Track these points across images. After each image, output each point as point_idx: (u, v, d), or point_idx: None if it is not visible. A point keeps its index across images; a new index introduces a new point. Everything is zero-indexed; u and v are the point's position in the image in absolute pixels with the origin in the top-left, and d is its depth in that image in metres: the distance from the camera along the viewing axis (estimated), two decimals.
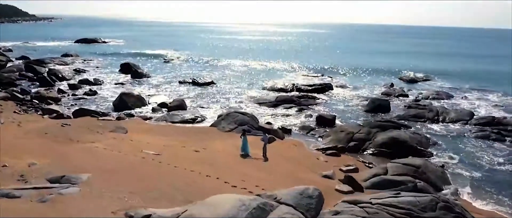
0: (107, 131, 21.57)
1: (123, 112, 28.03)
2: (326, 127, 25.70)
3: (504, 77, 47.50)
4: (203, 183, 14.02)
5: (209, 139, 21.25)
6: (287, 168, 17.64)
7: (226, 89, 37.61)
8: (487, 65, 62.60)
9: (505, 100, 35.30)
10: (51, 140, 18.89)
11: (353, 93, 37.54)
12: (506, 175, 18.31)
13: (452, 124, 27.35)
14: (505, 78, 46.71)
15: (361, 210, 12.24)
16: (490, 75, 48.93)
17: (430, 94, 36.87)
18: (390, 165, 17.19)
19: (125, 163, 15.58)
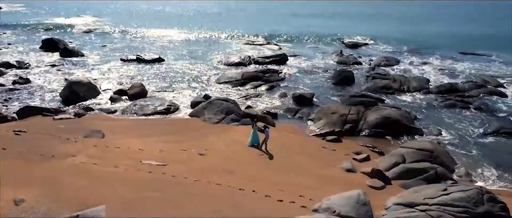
0: (80, 136, 18.39)
1: (76, 105, 24.27)
2: (306, 106, 25.19)
3: (439, 39, 50.79)
4: (249, 202, 12.57)
5: (202, 136, 19.38)
6: (304, 164, 16.88)
7: (178, 67, 34.80)
8: (423, 26, 66.11)
9: (446, 64, 38.14)
10: (16, 159, 15.36)
11: (309, 63, 37.40)
12: (493, 148, 19.76)
13: (417, 93, 28.76)
14: (440, 40, 50.04)
15: (425, 214, 12.00)
16: (427, 38, 52.01)
17: (380, 60, 38.28)
18: (404, 151, 17.35)
19: (136, 184, 13.30)
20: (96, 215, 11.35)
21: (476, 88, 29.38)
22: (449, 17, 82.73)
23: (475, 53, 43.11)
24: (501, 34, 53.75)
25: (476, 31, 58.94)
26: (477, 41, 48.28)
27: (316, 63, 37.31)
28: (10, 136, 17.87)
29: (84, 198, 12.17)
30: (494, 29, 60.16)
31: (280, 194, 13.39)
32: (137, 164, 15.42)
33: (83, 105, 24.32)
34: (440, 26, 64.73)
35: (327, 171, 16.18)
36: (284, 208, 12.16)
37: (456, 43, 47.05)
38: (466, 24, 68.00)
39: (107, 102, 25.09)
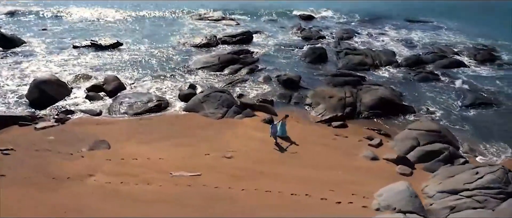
0: (84, 148, 16.81)
1: (50, 108, 21.93)
2: (294, 90, 25.42)
3: (384, 7, 52.75)
4: (315, 209, 12.68)
5: (215, 135, 18.84)
6: (328, 157, 17.31)
7: (142, 52, 32.59)
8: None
9: (402, 34, 40.49)
10: (25, 186, 13.62)
11: (275, 40, 37.24)
12: (479, 121, 21.92)
13: (389, 67, 30.39)
14: (385, 8, 52.15)
15: (472, 200, 13.13)
16: (373, 6, 53.86)
17: (341, 33, 39.45)
18: (415, 133, 18.45)
19: (184, 203, 12.73)
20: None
21: (439, 58, 31.78)
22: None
23: (420, 20, 46.14)
24: (437, 2, 57.68)
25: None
26: (418, 9, 51.45)
27: (282, 40, 37.23)
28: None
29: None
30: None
31: (333, 194, 13.66)
32: (168, 178, 14.62)
33: (58, 107, 21.98)
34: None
35: (354, 162, 16.75)
36: (349, 210, 12.48)
37: (400, 11, 49.66)
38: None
39: (85, 102, 22.94)
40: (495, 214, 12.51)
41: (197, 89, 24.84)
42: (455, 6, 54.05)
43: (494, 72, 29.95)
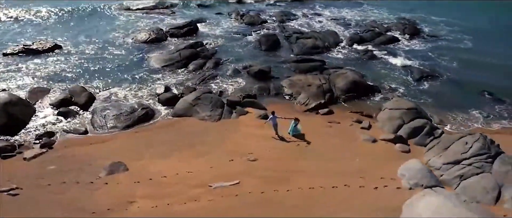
0: (103, 174, 16.20)
1: (24, 131, 20.13)
2: (266, 81, 26.55)
3: None
4: (377, 198, 14.27)
5: (223, 139, 19.36)
6: (338, 146, 19.00)
7: (88, 54, 30.54)
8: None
9: (333, 13, 43.63)
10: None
11: (220, 29, 37.38)
12: (434, 92, 25.49)
13: (339, 48, 33.09)
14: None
15: (473, 167, 16.14)
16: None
17: (281, 16, 41.15)
18: (397, 113, 21.11)
19: (253, 213, 13.53)
20: None
21: (376, 36, 35.41)
22: None
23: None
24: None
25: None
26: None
27: (228, 28, 37.54)
28: (6, 201, 14.43)
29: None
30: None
31: (365, 181, 15.51)
32: (210, 191, 15.08)
33: (33, 130, 20.19)
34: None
35: (361, 147, 18.81)
36: (389, 193, 14.44)
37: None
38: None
39: (59, 120, 21.29)
40: (494, 176, 15.56)
41: (172, 91, 24.52)
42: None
43: (423, 45, 34.40)
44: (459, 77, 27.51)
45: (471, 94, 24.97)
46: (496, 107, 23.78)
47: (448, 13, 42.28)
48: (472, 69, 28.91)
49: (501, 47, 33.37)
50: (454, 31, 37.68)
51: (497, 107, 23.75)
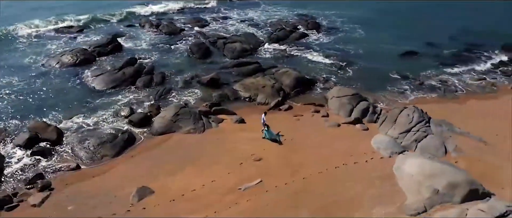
0: (134, 201, 17.15)
1: (4, 180, 19.22)
2: (217, 88, 28.88)
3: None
4: (378, 167, 18.42)
5: (221, 147, 21.35)
6: (316, 134, 22.62)
7: (14, 86, 28.43)
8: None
9: (241, 15, 47.17)
10: None
11: (144, 42, 37.38)
12: (358, 76, 31.05)
13: (262, 48, 36.86)
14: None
15: (420, 132, 21.66)
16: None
17: (194, 24, 43.10)
18: (346, 99, 25.87)
19: (300, 204, 16.50)
20: None
21: (289, 34, 40.18)
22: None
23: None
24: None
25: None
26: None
27: (151, 41, 37.79)
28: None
29: None
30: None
31: (358, 157, 19.65)
32: (241, 193, 17.46)
33: (14, 177, 19.29)
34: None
35: (333, 132, 22.93)
36: (380, 162, 18.86)
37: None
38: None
39: (36, 159, 20.50)
40: (437, 135, 21.24)
41: (137, 111, 25.19)
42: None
43: (328, 37, 40.35)
44: (369, 63, 33.71)
45: (384, 76, 31.21)
46: (404, 83, 30.34)
47: (335, 7, 49.47)
48: (375, 54, 35.57)
49: (385, 33, 41.22)
50: (346, 23, 44.68)
51: (405, 82, 30.34)
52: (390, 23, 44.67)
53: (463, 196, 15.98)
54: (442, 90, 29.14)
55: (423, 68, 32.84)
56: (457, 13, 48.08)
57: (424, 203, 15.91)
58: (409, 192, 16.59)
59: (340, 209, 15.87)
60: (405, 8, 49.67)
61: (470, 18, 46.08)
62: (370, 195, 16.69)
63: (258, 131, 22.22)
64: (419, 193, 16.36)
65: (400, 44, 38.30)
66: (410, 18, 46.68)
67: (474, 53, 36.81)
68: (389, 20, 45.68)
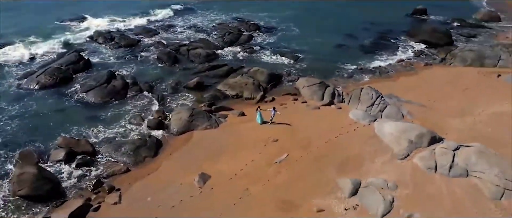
0: (201, 184, 21.52)
1: (65, 192, 22.05)
2: (203, 90, 33.50)
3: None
4: (367, 134, 25.32)
5: (240, 136, 26.31)
6: (304, 117, 28.94)
7: (9, 112, 29.62)
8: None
9: (185, 21, 51.16)
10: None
11: (110, 56, 39.49)
12: (311, 68, 38.16)
13: (221, 52, 42.00)
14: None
15: (382, 104, 29.48)
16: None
17: (146, 33, 46.22)
18: (315, 87, 32.59)
19: (324, 164, 22.71)
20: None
21: (239, 36, 45.77)
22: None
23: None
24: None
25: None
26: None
27: (115, 54, 39.67)
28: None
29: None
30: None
31: (345, 129, 26.45)
32: (279, 165, 23.07)
33: (73, 188, 22.11)
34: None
35: (318, 113, 29.39)
36: (366, 131, 25.89)
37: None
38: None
39: (84, 169, 23.29)
40: (393, 105, 29.14)
41: (148, 117, 28.72)
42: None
43: (272, 37, 46.78)
44: (315, 56, 41.03)
45: (331, 65, 38.69)
46: (349, 70, 38.22)
47: (265, 9, 56.28)
48: (315, 48, 43.01)
49: (315, 29, 49.28)
50: (280, 23, 51.70)
51: (349, 69, 38.24)
52: (315, 20, 53.03)
53: (428, 141, 23.65)
54: (378, 73, 37.53)
55: (357, 57, 41.15)
56: (362, 10, 58.52)
57: (406, 150, 23.21)
58: (393, 145, 23.80)
59: (354, 162, 22.38)
60: (323, 7, 58.66)
61: (374, 13, 56.63)
62: (368, 150, 23.53)
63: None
64: (400, 144, 23.63)
65: (330, 38, 46.46)
66: (329, 15, 55.60)
67: (387, 40, 46.58)
68: (313, 18, 54.05)
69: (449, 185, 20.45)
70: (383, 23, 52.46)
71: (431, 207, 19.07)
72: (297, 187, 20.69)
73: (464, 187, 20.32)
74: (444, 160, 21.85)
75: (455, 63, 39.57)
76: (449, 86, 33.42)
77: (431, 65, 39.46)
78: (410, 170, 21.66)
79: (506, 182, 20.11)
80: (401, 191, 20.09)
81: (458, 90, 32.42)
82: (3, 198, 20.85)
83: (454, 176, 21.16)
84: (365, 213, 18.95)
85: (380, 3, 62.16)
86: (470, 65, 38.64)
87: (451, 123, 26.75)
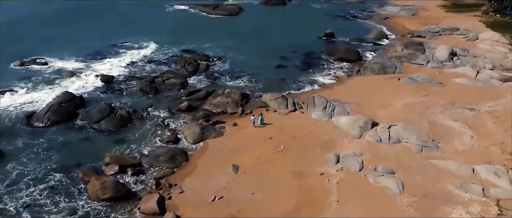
0: (234, 172, 31.03)
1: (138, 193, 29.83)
2: (195, 110, 42.77)
3: None
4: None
5: (247, 139, 36.24)
6: (284, 120, 40.00)
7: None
8: None
9: (133, 56, 58.83)
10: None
11: (98, 93, 46.43)
12: (265, 86, 49.56)
13: (190, 80, 51.16)
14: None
15: (337, 107, 42.04)
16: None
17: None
18: (279, 99, 43.93)
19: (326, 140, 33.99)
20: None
21: (197, 66, 55.20)
22: None
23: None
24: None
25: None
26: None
27: (100, 90, 46.32)
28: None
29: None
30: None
31: (314, 126, 38.09)
32: (281, 153, 33.62)
33: (143, 189, 29.92)
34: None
35: (289, 117, 40.49)
36: (328, 124, 37.81)
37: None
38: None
39: (141, 176, 31.03)
40: (339, 106, 41.70)
41: (163, 135, 36.95)
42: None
43: (224, 64, 56.92)
44: (265, 76, 52.24)
45: (281, 82, 50.18)
46: (295, 85, 50.18)
47: (206, 41, 66.44)
48: (261, 70, 54.12)
49: (250, 55, 60.80)
50: (225, 52, 61.69)
51: (295, 84, 50.21)
52: (251, 47, 63.92)
53: (371, 125, 36.24)
54: (317, 85, 50.18)
55: (297, 75, 53.31)
56: (283, 36, 72.23)
57: (359, 132, 35.43)
58: (350, 130, 35.85)
59: (330, 144, 33.80)
60: (250, 35, 71.12)
61: (293, 38, 70.52)
62: (337, 135, 35.24)
63: (251, 127, 37.59)
64: (354, 129, 35.81)
65: (270, 61, 57.71)
66: (260, 42, 67.52)
67: (313, 59, 59.80)
68: (249, 45, 65.07)
69: (391, 149, 32.95)
70: (304, 46, 66.07)
71: (384, 162, 31.16)
72: (300, 163, 31.26)
73: (400, 148, 33.00)
74: (384, 134, 34.46)
75: (367, 73, 53.99)
76: (369, 89, 47.19)
77: (352, 76, 53.39)
78: (366, 143, 33.77)
79: (422, 142, 33.28)
80: (365, 156, 31.96)
81: (376, 91, 46.29)
82: (87, 203, 27.56)
83: (392, 143, 33.78)
84: (348, 171, 30.25)
85: (293, 29, 76.64)
86: (378, 73, 53.34)
87: (379, 113, 39.85)
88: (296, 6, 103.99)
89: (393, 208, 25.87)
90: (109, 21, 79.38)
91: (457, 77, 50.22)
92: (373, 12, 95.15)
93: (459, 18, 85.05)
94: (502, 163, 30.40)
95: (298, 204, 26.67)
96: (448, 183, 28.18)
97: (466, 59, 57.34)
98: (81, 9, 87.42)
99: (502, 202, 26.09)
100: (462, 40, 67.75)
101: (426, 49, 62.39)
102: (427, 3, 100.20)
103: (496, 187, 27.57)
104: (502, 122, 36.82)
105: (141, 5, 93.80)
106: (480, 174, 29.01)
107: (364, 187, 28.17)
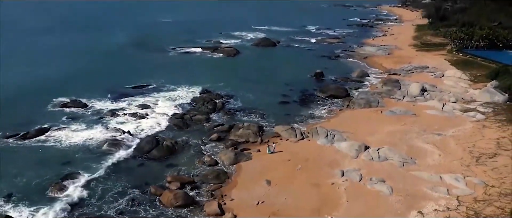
0: (266, 184, 42.32)
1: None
2: (222, 140, 53.97)
3: None
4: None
5: (271, 162, 47.56)
6: (300, 148, 51.59)
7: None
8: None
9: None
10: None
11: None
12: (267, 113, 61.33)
13: (213, 113, 62.56)
14: None
15: (337, 135, 54.15)
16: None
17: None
18: (289, 130, 55.64)
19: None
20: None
21: (214, 105, 66.77)
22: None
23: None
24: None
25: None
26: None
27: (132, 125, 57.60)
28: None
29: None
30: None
31: (320, 149, 49.86)
32: (299, 171, 45.20)
33: (205, 199, 40.69)
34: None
35: (299, 145, 52.10)
36: (331, 148, 49.70)
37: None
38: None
39: (198, 190, 41.78)
40: (338, 134, 53.76)
41: (204, 160, 47.82)
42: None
43: (237, 103, 68.63)
44: (273, 111, 64.06)
45: (279, 114, 62.17)
46: (299, 117, 62.15)
47: (218, 80, 78.22)
48: (271, 106, 66.14)
49: (253, 94, 72.92)
50: (235, 91, 73.43)
51: (299, 117, 62.18)
52: (255, 87, 75.89)
53: (364, 148, 48.18)
54: (317, 118, 62.23)
55: (298, 109, 65.41)
56: (278, 75, 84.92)
57: (355, 154, 47.24)
58: (348, 153, 47.63)
59: (335, 162, 45.35)
60: (251, 74, 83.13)
61: (287, 76, 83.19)
62: (339, 157, 46.92)
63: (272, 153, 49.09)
64: (352, 152, 47.61)
65: (274, 98, 69.86)
66: (260, 82, 79.91)
67: (308, 96, 72.25)
68: (252, 86, 77.08)
69: (381, 165, 44.80)
70: (298, 84, 78.67)
71: (377, 174, 42.83)
72: (315, 177, 42.59)
73: (387, 164, 44.88)
74: (375, 155, 46.41)
75: (355, 107, 66.52)
76: (359, 120, 59.50)
77: (343, 110, 65.84)
78: (362, 161, 45.55)
79: (403, 159, 45.30)
80: (362, 170, 43.64)
81: (364, 121, 58.61)
82: (163, 210, 37.96)
83: (381, 161, 45.67)
84: (352, 181, 41.76)
85: (286, 69, 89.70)
86: (364, 107, 65.92)
87: (369, 138, 51.92)
88: (285, 47, 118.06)
89: (386, 204, 37.30)
90: (119, 66, 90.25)
91: (427, 109, 63.29)
92: (353, 52, 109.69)
93: (428, 56, 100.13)
94: (461, 172, 42.45)
95: (319, 205, 37.75)
96: (423, 187, 39.91)
97: (435, 93, 70.80)
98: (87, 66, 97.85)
99: (460, 197, 37.86)
100: (431, 77, 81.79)
101: (401, 85, 75.80)
102: (399, 42, 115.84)
103: (456, 188, 39.40)
104: (462, 143, 49.33)
105: (142, 50, 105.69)
106: (445, 180, 40.92)
107: (364, 191, 39.57)
